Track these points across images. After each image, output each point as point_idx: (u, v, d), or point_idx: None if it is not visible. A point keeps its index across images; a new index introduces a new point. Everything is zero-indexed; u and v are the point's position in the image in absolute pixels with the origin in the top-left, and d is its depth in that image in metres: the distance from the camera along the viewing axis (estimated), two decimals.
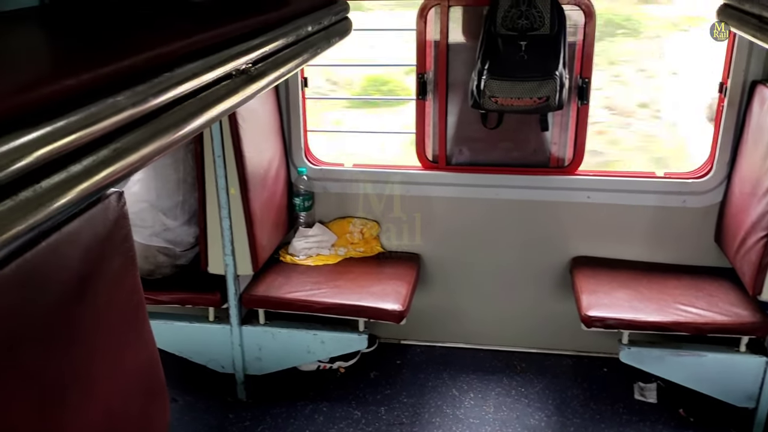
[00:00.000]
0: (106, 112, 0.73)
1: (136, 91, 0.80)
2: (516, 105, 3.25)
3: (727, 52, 3.37)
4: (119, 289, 1.86)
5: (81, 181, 0.70)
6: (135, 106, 0.79)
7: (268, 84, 1.17)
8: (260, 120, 3.44)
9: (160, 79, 0.85)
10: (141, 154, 0.80)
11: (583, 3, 3.36)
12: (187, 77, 0.91)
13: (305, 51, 1.38)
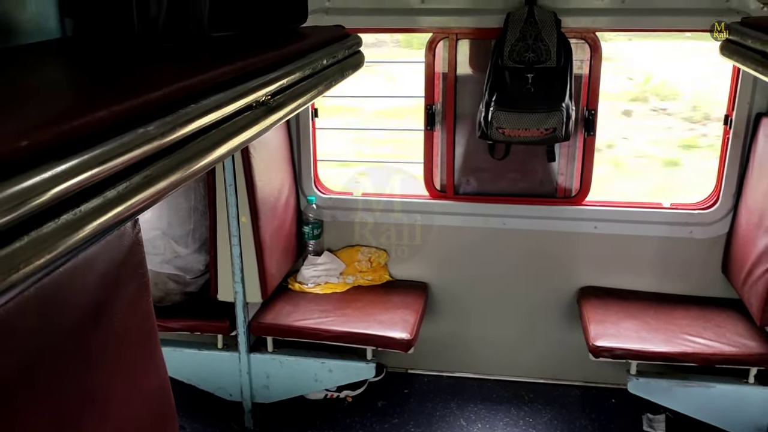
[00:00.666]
0: (137, 141, 0.77)
1: (165, 122, 0.84)
2: (523, 136, 3.30)
3: (731, 84, 3.42)
4: (133, 314, 1.89)
5: (116, 205, 0.73)
6: (164, 135, 0.83)
7: (286, 115, 1.22)
8: (271, 149, 3.50)
9: (187, 110, 0.89)
10: (170, 181, 0.84)
11: (589, 37, 3.42)
12: (212, 108, 0.96)
13: (320, 83, 1.43)
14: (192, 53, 1.27)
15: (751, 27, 1.46)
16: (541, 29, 3.25)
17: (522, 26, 3.26)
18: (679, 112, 8.40)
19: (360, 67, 1.79)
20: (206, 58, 1.23)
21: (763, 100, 3.33)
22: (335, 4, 3.41)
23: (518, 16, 3.27)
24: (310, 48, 1.45)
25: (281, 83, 1.21)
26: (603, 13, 3.35)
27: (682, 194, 5.57)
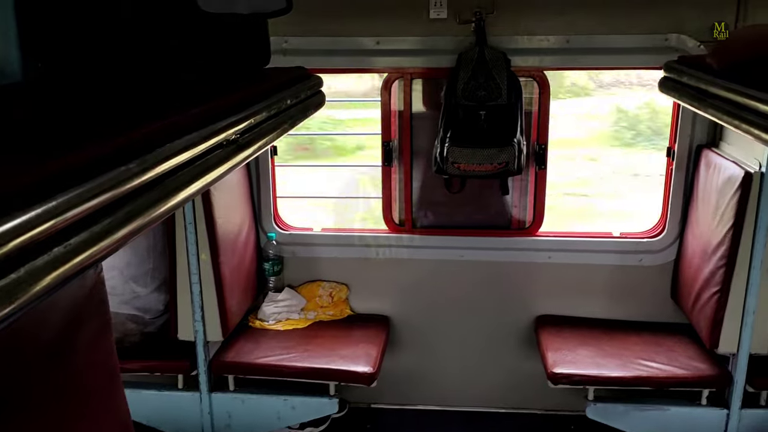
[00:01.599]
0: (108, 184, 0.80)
1: (145, 159, 0.88)
2: (477, 170, 3.40)
3: (672, 118, 3.61)
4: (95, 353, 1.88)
5: (94, 244, 0.76)
6: (144, 172, 0.87)
7: (254, 152, 1.27)
8: (230, 187, 3.53)
9: (164, 148, 0.93)
10: (140, 222, 0.87)
11: (538, 75, 3.57)
12: (184, 148, 1.00)
13: (285, 122, 1.48)
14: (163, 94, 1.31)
15: (687, 65, 1.57)
16: (492, 68, 3.38)
17: (473, 66, 3.39)
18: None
19: (322, 106, 1.85)
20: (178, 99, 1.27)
21: (703, 132, 3.51)
22: (293, 45, 3.49)
23: (469, 56, 3.40)
24: (274, 88, 1.51)
25: (249, 122, 1.26)
26: (549, 53, 3.50)
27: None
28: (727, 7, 3.26)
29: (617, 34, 3.40)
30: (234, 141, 1.17)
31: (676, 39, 3.36)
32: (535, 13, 3.44)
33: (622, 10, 3.38)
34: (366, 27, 3.50)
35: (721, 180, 3.22)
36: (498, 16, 3.41)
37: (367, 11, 3.47)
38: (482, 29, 3.40)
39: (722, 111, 1.28)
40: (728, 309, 3.14)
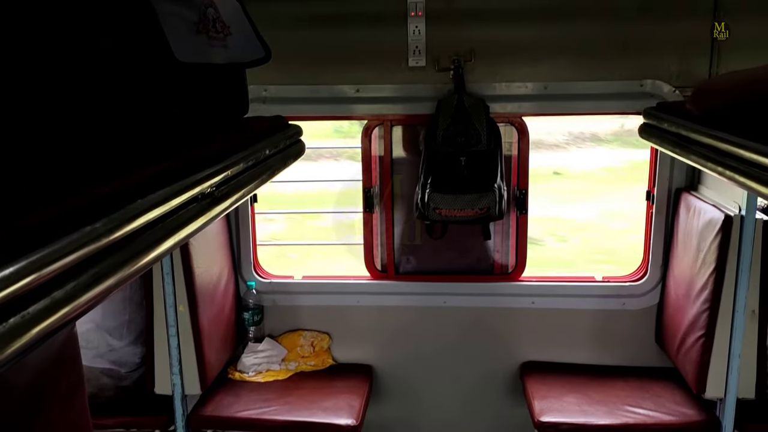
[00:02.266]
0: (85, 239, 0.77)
1: (112, 218, 0.84)
2: (459, 216, 3.39)
3: (651, 162, 3.64)
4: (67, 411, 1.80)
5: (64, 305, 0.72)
6: (112, 231, 0.83)
7: (230, 205, 1.23)
8: (209, 235, 3.47)
9: (133, 206, 0.90)
10: (118, 278, 0.83)
11: (516, 121, 3.60)
12: (158, 202, 0.96)
13: (264, 173, 1.45)
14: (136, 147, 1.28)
15: (666, 111, 1.58)
16: (471, 115, 3.40)
17: (453, 112, 3.41)
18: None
19: (301, 155, 1.83)
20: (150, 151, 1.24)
21: (681, 176, 3.54)
22: (272, 94, 3.49)
23: (449, 103, 3.42)
24: (252, 139, 1.49)
25: (226, 174, 1.23)
26: (527, 99, 3.53)
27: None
28: (701, 54, 3.32)
29: (594, 80, 3.44)
30: (209, 195, 1.14)
31: (651, 85, 3.41)
32: (513, 60, 3.47)
33: (598, 57, 3.43)
34: (346, 75, 3.51)
35: (701, 223, 3.23)
36: (476, 63, 3.45)
37: (346, 60, 3.49)
38: (461, 77, 3.43)
39: (705, 157, 1.28)
40: (714, 353, 3.12)
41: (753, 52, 3.20)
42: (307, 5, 3.46)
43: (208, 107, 1.59)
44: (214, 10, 1.57)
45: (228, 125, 1.62)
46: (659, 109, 1.68)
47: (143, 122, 1.41)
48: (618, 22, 3.37)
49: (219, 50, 1.57)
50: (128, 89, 1.39)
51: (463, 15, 3.43)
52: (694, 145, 1.35)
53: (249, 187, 1.34)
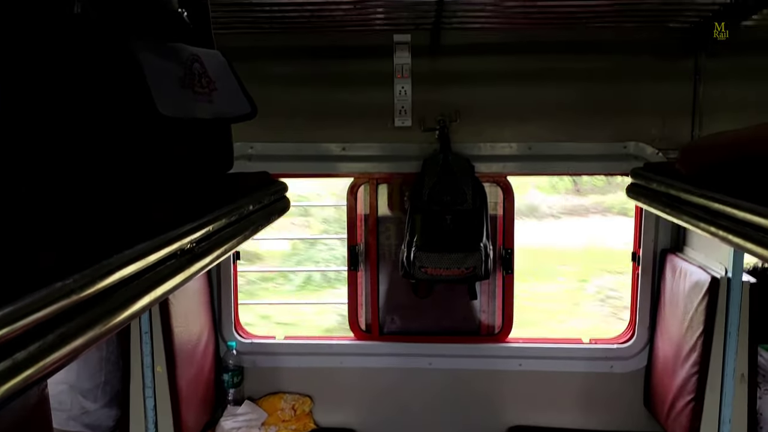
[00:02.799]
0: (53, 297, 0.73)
1: (84, 274, 0.80)
2: (445, 275, 3.35)
3: (635, 223, 3.64)
4: None
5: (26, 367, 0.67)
6: (83, 288, 0.79)
7: (211, 262, 1.19)
8: (190, 293, 3.40)
9: (108, 261, 0.86)
10: (88, 337, 0.78)
11: (501, 180, 3.61)
12: (135, 258, 0.92)
13: (246, 228, 1.41)
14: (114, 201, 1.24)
15: (654, 171, 1.57)
16: (457, 174, 3.41)
17: (439, 171, 3.42)
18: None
19: (286, 211, 1.80)
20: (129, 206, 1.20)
21: (667, 237, 3.54)
22: (258, 151, 3.49)
23: (434, 162, 3.43)
24: (236, 194, 1.46)
25: (207, 230, 1.19)
26: (512, 159, 3.55)
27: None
28: (683, 117, 3.38)
29: (577, 141, 3.48)
30: (189, 251, 1.10)
31: (634, 147, 3.45)
32: (497, 121, 3.51)
33: (581, 119, 3.47)
34: (332, 133, 3.52)
35: (687, 285, 3.21)
36: (461, 124, 3.48)
37: (333, 118, 3.51)
38: (446, 136, 3.45)
39: (696, 217, 1.26)
40: (704, 419, 3.05)
41: (734, 115, 3.26)
42: (294, 64, 3.49)
43: (192, 162, 1.56)
44: (200, 65, 1.56)
45: (212, 180, 1.59)
46: (647, 169, 1.67)
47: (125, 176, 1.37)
48: (601, 84, 3.43)
49: (204, 105, 1.56)
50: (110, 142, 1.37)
51: (448, 77, 3.47)
52: (685, 205, 1.33)
53: (231, 243, 1.30)
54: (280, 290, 6.75)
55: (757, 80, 3.29)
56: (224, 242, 1.26)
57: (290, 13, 3.15)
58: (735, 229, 1.11)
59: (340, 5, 3.09)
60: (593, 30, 3.32)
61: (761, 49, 3.27)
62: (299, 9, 3.11)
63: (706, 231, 1.23)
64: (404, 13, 3.20)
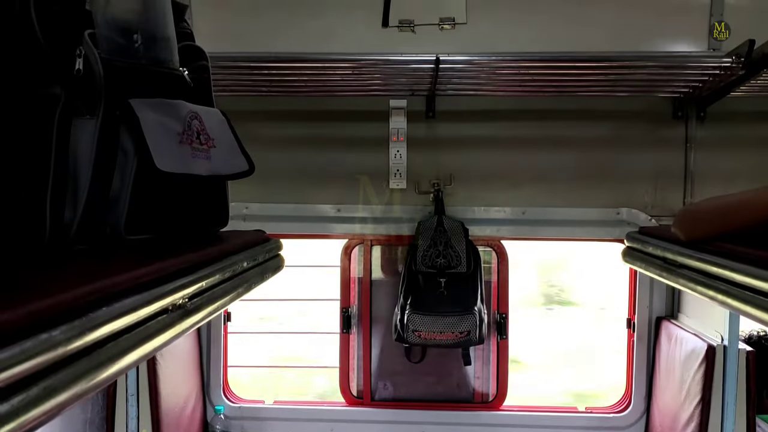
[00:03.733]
0: (39, 348, 0.70)
1: (73, 326, 0.78)
2: (439, 339, 3.31)
3: (630, 290, 3.63)
4: None
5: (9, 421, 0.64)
6: (71, 341, 0.76)
7: (203, 318, 1.17)
8: (179, 355, 3.33)
9: (97, 313, 0.84)
10: (73, 392, 0.76)
11: (495, 244, 3.61)
12: (125, 311, 0.90)
13: (240, 286, 1.40)
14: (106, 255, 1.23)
15: (649, 235, 1.57)
16: (451, 237, 3.41)
17: (433, 234, 3.41)
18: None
19: (280, 270, 1.78)
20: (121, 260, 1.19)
21: (661, 304, 3.53)
22: (253, 212, 3.49)
23: (428, 224, 3.43)
24: (230, 251, 1.44)
25: (200, 285, 1.17)
26: (506, 223, 3.56)
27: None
28: (676, 184, 3.42)
29: (571, 206, 3.50)
30: (181, 306, 1.08)
31: (627, 213, 3.47)
32: (492, 186, 3.53)
33: (575, 185, 3.50)
34: (327, 195, 3.53)
35: (683, 353, 3.17)
36: (456, 187, 3.50)
37: (328, 180, 3.53)
38: (440, 200, 3.47)
39: (694, 281, 1.25)
40: None
41: (725, 183, 3.29)
42: (290, 127, 3.54)
43: (188, 218, 1.55)
44: (199, 122, 1.57)
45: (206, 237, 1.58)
46: (642, 233, 1.68)
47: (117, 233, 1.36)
48: (594, 151, 3.48)
49: (202, 162, 1.56)
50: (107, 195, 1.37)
51: (443, 141, 3.52)
52: (682, 269, 1.33)
53: (224, 300, 1.28)
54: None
55: (748, 149, 3.35)
56: (217, 299, 1.24)
57: (289, 77, 3.21)
58: (733, 293, 1.10)
59: (338, 71, 3.16)
60: (586, 99, 3.39)
61: (750, 119, 3.34)
62: (298, 73, 3.18)
63: (703, 294, 1.22)
64: (401, 79, 3.27)
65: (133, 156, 1.42)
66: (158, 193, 1.45)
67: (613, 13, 3.34)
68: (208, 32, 2.99)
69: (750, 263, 1.07)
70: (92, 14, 1.41)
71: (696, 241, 1.33)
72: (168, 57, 1.57)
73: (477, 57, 3.08)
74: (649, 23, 3.33)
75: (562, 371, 7.31)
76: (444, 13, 3.41)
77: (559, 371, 7.30)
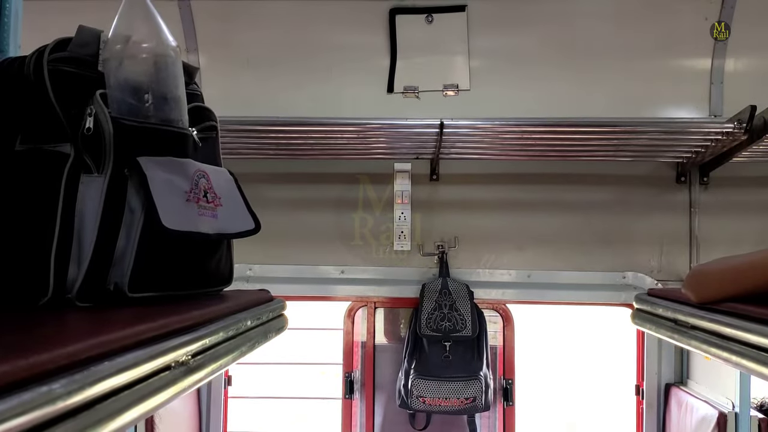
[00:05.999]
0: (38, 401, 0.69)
1: (73, 380, 0.76)
2: (444, 405, 3.24)
3: (638, 356, 3.57)
4: None
5: None
6: (71, 395, 0.74)
7: (205, 376, 1.14)
8: (178, 419, 3.26)
9: (99, 368, 0.82)
10: None
11: (501, 308, 3.57)
12: (128, 366, 0.88)
13: (243, 344, 1.37)
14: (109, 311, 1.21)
15: (658, 297, 1.55)
16: (456, 299, 3.38)
17: (437, 296, 3.39)
18: None
19: (284, 330, 1.75)
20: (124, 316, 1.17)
21: (669, 370, 3.46)
22: (257, 273, 3.48)
23: (433, 287, 3.41)
24: (234, 309, 1.42)
25: (203, 342, 1.15)
26: (511, 287, 3.54)
27: None
28: (681, 248, 3.41)
29: (576, 270, 3.48)
30: (184, 363, 1.06)
31: (633, 277, 3.45)
32: (496, 248, 3.53)
33: (580, 249, 3.49)
34: (331, 256, 3.53)
35: (694, 420, 3.09)
36: (460, 249, 3.50)
37: (332, 241, 3.53)
38: (445, 262, 3.46)
39: (708, 343, 1.22)
40: None
41: (730, 247, 3.26)
42: (295, 189, 3.56)
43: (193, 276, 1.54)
44: (206, 180, 1.58)
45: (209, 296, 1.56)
46: (651, 295, 1.66)
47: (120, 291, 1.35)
48: (599, 215, 3.48)
49: (208, 220, 1.56)
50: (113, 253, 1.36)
51: (447, 204, 3.53)
52: (694, 330, 1.30)
53: (227, 358, 1.26)
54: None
55: (752, 213, 3.36)
56: (220, 357, 1.22)
57: (296, 141, 3.25)
58: (748, 354, 1.07)
59: (344, 134, 3.20)
60: (590, 163, 3.41)
61: (754, 183, 3.36)
62: (305, 137, 3.22)
63: (717, 357, 1.19)
64: (406, 143, 3.31)
65: (140, 213, 1.42)
66: (164, 252, 1.44)
67: (615, 79, 3.40)
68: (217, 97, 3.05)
69: (764, 324, 1.05)
70: (104, 75, 1.43)
71: (707, 302, 1.31)
72: (177, 117, 1.59)
73: (480, 122, 3.13)
74: (650, 89, 3.40)
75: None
76: (448, 80, 3.48)
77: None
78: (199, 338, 1.13)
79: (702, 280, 1.34)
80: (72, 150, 1.38)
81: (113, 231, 1.39)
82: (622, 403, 4.83)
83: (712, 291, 1.29)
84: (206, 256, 1.62)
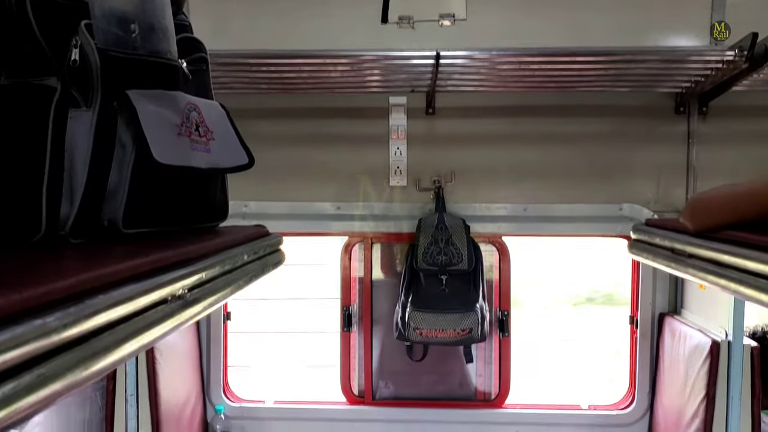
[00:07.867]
0: (32, 334, 0.68)
1: (68, 313, 0.75)
2: (440, 337, 3.29)
3: (632, 286, 3.60)
4: None
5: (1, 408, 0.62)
6: (66, 328, 0.74)
7: (202, 310, 1.14)
8: (178, 354, 3.31)
9: (94, 301, 0.81)
10: (68, 381, 0.73)
11: (497, 242, 3.58)
12: (123, 300, 0.87)
13: (240, 278, 1.37)
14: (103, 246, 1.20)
15: (656, 227, 1.55)
16: (452, 234, 3.38)
17: (433, 231, 3.39)
18: None
19: (281, 264, 1.76)
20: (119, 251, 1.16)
21: (664, 300, 3.50)
22: (252, 210, 3.46)
23: (429, 222, 3.41)
24: (231, 244, 1.42)
25: (199, 276, 1.15)
26: (507, 220, 3.54)
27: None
28: (678, 179, 3.40)
29: (572, 203, 3.48)
30: (181, 297, 1.06)
31: (629, 209, 3.45)
32: (493, 182, 3.51)
33: (576, 182, 3.48)
34: (327, 193, 3.51)
35: (687, 349, 3.15)
36: (456, 184, 3.48)
37: (328, 177, 3.51)
38: (441, 197, 3.45)
39: (705, 270, 1.22)
40: None
41: (727, 178, 3.24)
42: (290, 124, 3.51)
43: (187, 211, 1.53)
44: (198, 113, 1.54)
45: (205, 230, 1.55)
46: (649, 225, 1.65)
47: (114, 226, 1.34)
48: (595, 147, 3.46)
49: (201, 154, 1.54)
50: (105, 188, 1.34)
51: (443, 138, 3.50)
52: (691, 259, 1.30)
53: (223, 292, 1.26)
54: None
55: (750, 143, 3.33)
56: (217, 291, 1.22)
57: (288, 74, 3.19)
58: (747, 281, 1.07)
59: (337, 67, 3.13)
60: (587, 94, 3.36)
61: (753, 113, 3.32)
62: (297, 70, 3.16)
63: (715, 284, 1.19)
64: (400, 75, 3.25)
65: (131, 148, 1.39)
66: (157, 186, 1.42)
67: (614, 7, 3.32)
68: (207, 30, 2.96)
69: (764, 250, 1.05)
70: (89, 5, 1.38)
71: (705, 230, 1.30)
72: (166, 48, 1.54)
73: (477, 53, 3.06)
74: (650, 18, 3.31)
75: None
76: (444, 9, 3.39)
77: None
78: (196, 272, 1.13)
79: (700, 208, 1.33)
80: (59, 84, 1.34)
81: (104, 166, 1.37)
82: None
83: (710, 219, 1.28)
84: (200, 191, 1.61)
